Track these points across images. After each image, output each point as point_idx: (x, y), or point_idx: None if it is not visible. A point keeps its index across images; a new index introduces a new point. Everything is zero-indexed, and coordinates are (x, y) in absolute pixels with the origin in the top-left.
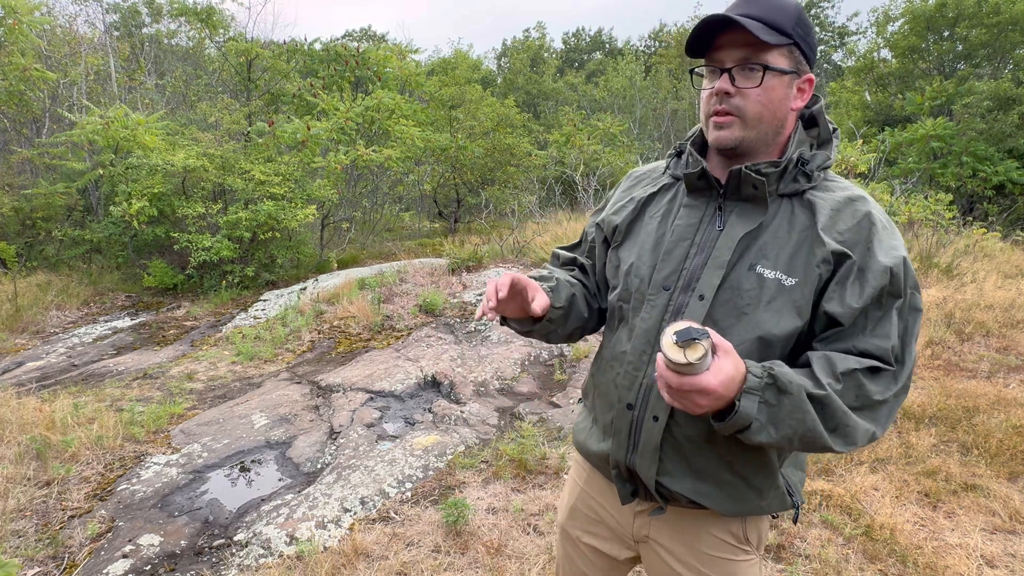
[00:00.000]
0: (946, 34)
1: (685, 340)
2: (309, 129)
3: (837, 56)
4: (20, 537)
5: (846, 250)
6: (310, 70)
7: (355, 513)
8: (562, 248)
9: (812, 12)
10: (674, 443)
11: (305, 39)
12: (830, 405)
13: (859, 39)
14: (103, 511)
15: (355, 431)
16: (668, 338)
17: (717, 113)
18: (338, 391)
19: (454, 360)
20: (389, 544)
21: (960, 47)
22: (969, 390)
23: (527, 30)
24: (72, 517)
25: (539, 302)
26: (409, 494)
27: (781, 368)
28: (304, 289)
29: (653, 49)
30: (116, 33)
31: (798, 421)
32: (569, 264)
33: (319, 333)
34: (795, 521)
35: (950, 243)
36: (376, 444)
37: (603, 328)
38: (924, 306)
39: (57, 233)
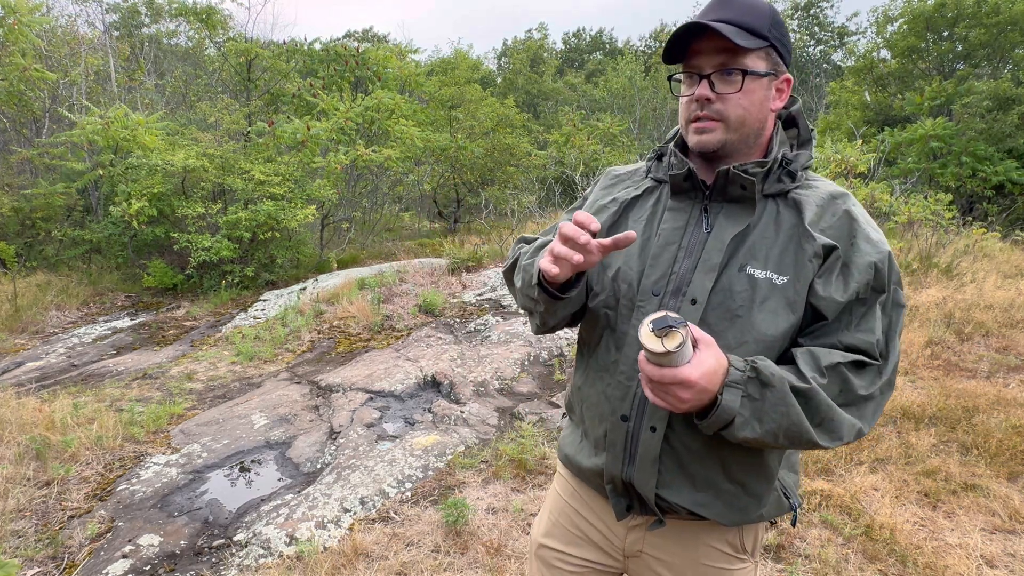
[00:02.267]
0: (945, 34)
1: (662, 328)
2: (309, 129)
3: (837, 56)
4: (20, 537)
5: (834, 243)
6: (310, 70)
7: (355, 513)
8: (531, 236)
9: (812, 12)
10: (672, 453)
11: (305, 39)
12: (814, 399)
13: (859, 39)
14: (103, 511)
15: (355, 431)
16: (645, 328)
17: (699, 119)
18: (338, 391)
19: (454, 360)
20: (389, 544)
21: (959, 47)
22: (969, 390)
23: (529, 31)
24: (72, 517)
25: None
26: (409, 494)
27: (764, 362)
28: (304, 289)
29: (653, 49)
30: (116, 33)
31: (782, 415)
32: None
33: (319, 333)
34: (793, 524)
35: (950, 243)
36: (376, 444)
37: (579, 338)
38: (924, 306)
39: (57, 233)
